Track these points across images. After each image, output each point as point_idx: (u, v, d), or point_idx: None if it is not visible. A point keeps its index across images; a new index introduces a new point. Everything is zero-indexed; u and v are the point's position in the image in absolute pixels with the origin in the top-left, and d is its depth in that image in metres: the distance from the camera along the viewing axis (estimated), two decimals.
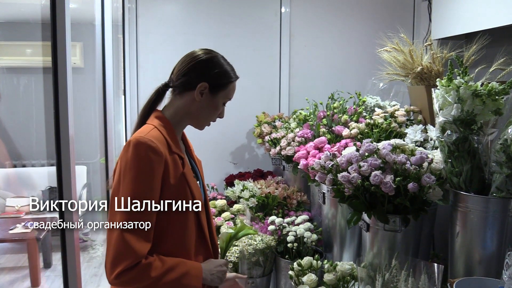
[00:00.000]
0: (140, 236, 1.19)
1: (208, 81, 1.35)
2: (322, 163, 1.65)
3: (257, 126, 2.77)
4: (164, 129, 1.33)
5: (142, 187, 1.21)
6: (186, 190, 1.29)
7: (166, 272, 1.21)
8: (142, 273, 1.18)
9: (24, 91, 5.10)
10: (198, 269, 1.28)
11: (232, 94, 1.44)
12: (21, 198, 4.48)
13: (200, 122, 1.41)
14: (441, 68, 2.03)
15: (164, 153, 1.24)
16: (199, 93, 1.34)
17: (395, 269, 1.38)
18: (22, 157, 5.02)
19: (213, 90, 1.36)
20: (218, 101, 1.39)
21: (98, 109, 2.65)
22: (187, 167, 1.34)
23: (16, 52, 5.03)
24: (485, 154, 1.40)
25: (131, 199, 1.20)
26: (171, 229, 1.28)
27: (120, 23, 2.93)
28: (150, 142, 1.22)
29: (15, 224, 3.97)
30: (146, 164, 1.21)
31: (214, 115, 1.41)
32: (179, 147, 1.35)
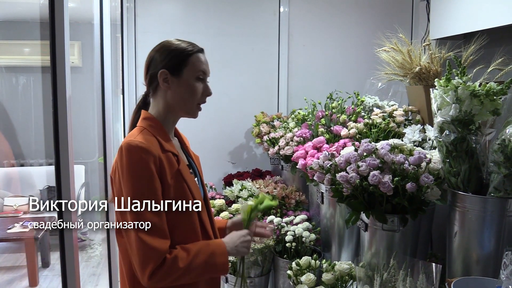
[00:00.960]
0: (155, 234, 1.22)
1: (164, 67, 1.33)
2: (320, 163, 1.65)
3: (255, 125, 2.77)
4: (154, 128, 1.33)
5: (142, 189, 1.22)
6: (184, 188, 1.30)
7: (193, 258, 1.24)
8: (172, 267, 1.21)
9: (22, 90, 5.09)
10: (222, 246, 1.31)
11: (202, 65, 1.38)
12: (19, 198, 4.47)
13: (185, 108, 1.38)
14: (439, 68, 2.03)
15: (157, 153, 1.25)
16: (163, 81, 1.33)
17: (393, 268, 1.39)
18: (21, 156, 5.01)
19: (175, 71, 1.33)
20: (188, 79, 1.35)
21: (96, 108, 2.64)
22: (183, 164, 1.34)
23: (15, 51, 5.02)
24: (483, 154, 1.41)
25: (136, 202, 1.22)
26: (175, 228, 1.28)
27: (119, 23, 2.92)
28: (141, 143, 1.24)
29: (13, 223, 3.97)
30: (141, 166, 1.22)
31: (193, 95, 1.37)
32: (172, 145, 1.35)
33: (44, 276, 4.00)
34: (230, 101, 2.94)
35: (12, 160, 4.88)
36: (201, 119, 2.88)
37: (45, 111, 4.89)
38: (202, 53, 1.40)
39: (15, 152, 4.96)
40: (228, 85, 2.92)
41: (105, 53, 2.58)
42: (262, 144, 2.65)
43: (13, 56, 5.01)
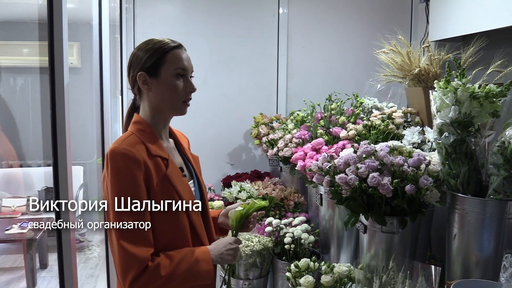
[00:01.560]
0: (137, 242, 1.21)
1: (142, 69, 1.31)
2: (319, 164, 1.65)
3: (254, 127, 2.76)
4: (143, 132, 1.32)
5: (125, 196, 1.22)
6: (171, 191, 1.29)
7: (176, 266, 1.24)
8: (152, 275, 1.20)
9: (20, 91, 5.08)
10: (206, 253, 1.30)
11: (179, 62, 1.33)
12: (17, 199, 4.46)
13: (171, 107, 1.35)
14: (439, 70, 2.03)
15: (142, 158, 1.24)
16: (143, 84, 1.32)
17: (393, 271, 1.38)
18: (19, 157, 5.00)
19: (152, 72, 1.31)
20: (167, 78, 1.31)
21: (95, 109, 2.63)
22: (172, 167, 1.32)
23: (13, 52, 5.01)
24: (483, 156, 1.40)
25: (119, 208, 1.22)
26: (163, 231, 1.28)
27: (118, 23, 2.92)
28: (125, 150, 1.23)
29: (11, 224, 3.96)
30: (125, 173, 1.22)
31: (175, 93, 1.32)
32: (161, 148, 1.33)
33: (42, 278, 3.99)
34: (229, 102, 2.93)
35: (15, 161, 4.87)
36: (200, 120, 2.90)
37: (43, 112, 4.88)
38: (180, 48, 1.35)
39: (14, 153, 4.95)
40: (227, 86, 2.92)
41: (104, 54, 2.57)
42: (261, 146, 2.65)
43: (11, 56, 5.00)
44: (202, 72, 2.86)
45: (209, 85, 2.89)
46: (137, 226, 1.22)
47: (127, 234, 1.21)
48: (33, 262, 3.81)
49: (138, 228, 1.22)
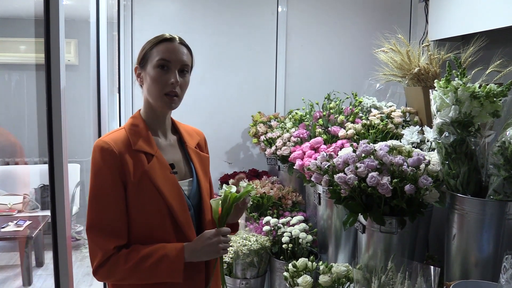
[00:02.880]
0: (103, 233, 1.24)
1: (137, 62, 1.37)
2: (318, 163, 1.64)
3: (252, 125, 2.75)
4: (133, 127, 1.34)
5: (98, 188, 1.26)
6: (150, 187, 1.28)
7: (142, 259, 1.24)
8: (114, 266, 1.23)
9: (16, 87, 5.05)
10: (178, 250, 1.27)
11: (162, 54, 1.29)
12: (14, 196, 4.44)
13: (154, 100, 1.33)
14: (438, 70, 2.02)
15: (119, 153, 1.26)
16: (137, 77, 1.37)
17: (391, 271, 1.37)
18: (16, 155, 4.98)
19: (142, 64, 1.35)
20: (150, 69, 1.30)
21: (92, 107, 2.62)
22: (156, 163, 1.30)
23: (9, 48, 4.98)
24: (483, 156, 1.40)
25: (91, 200, 1.26)
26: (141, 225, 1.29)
27: (116, 21, 2.90)
28: (104, 143, 1.27)
29: (7, 222, 3.94)
30: (100, 165, 1.26)
31: (155, 85, 1.29)
32: (149, 143, 1.32)
33: (38, 276, 3.97)
34: (227, 101, 2.92)
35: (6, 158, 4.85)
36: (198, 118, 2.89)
37: (39, 110, 4.86)
38: (172, 41, 1.33)
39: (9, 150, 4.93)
40: (225, 84, 2.91)
41: (101, 52, 2.56)
42: (259, 144, 2.63)
43: (7, 53, 4.97)
44: (200, 71, 2.84)
45: (207, 84, 2.87)
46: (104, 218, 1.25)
47: (94, 224, 1.25)
48: (29, 260, 3.80)
49: (104, 220, 1.25)
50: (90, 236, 1.25)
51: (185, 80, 1.34)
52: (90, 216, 1.26)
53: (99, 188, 1.26)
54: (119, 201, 1.26)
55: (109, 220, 1.25)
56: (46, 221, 4.08)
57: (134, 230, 1.28)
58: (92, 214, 1.26)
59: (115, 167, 1.25)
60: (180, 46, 1.34)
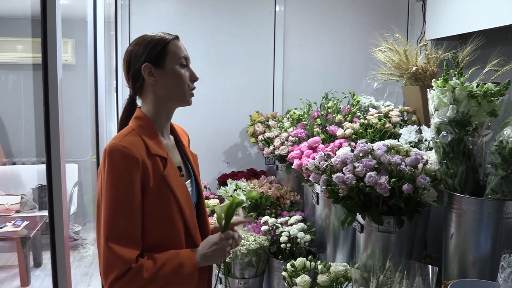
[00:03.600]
0: (126, 243, 1.18)
1: (146, 60, 1.29)
2: (316, 163, 1.64)
3: (250, 125, 2.75)
4: (144, 129, 1.29)
5: (119, 195, 1.19)
6: (167, 193, 1.26)
7: (159, 269, 1.21)
8: (135, 277, 1.18)
9: (13, 87, 5.04)
10: (191, 257, 1.27)
11: (182, 52, 1.34)
12: (11, 196, 4.43)
13: (178, 97, 1.33)
14: (436, 69, 2.02)
15: (140, 157, 1.21)
16: (149, 75, 1.30)
17: (390, 270, 1.37)
18: (12, 155, 4.97)
19: (157, 63, 1.30)
20: (173, 68, 1.30)
21: (89, 107, 2.62)
22: (170, 167, 1.29)
23: (5, 48, 4.97)
24: (480, 156, 1.40)
25: (113, 208, 1.19)
26: (156, 232, 1.26)
27: (113, 20, 2.89)
28: (124, 148, 1.20)
29: (4, 222, 3.93)
30: (122, 172, 1.19)
31: (182, 82, 1.32)
32: (161, 146, 1.31)
33: (36, 276, 3.97)
34: (225, 100, 2.92)
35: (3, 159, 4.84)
36: (196, 118, 2.88)
37: (36, 109, 4.85)
38: (178, 39, 1.36)
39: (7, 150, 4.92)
40: (223, 84, 2.90)
41: (99, 51, 2.55)
42: (257, 144, 2.63)
43: (3, 53, 4.96)
44: (198, 70, 2.79)
45: (205, 83, 2.87)
46: (127, 228, 1.19)
47: (116, 235, 1.18)
48: (27, 260, 3.79)
49: (127, 229, 1.20)
50: (110, 246, 1.17)
51: None
52: (110, 225, 1.18)
53: (120, 196, 1.19)
54: (139, 209, 1.22)
55: (131, 230, 1.20)
56: (44, 221, 4.08)
57: (148, 236, 1.24)
58: (113, 223, 1.18)
59: (137, 173, 1.20)
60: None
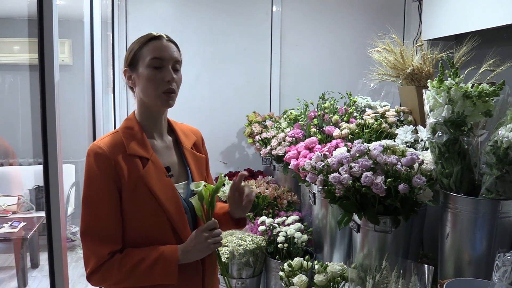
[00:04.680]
0: (98, 239, 1.24)
1: (126, 64, 1.34)
2: (313, 163, 1.64)
3: (247, 125, 2.75)
4: (128, 130, 1.32)
5: (91, 193, 1.25)
6: (145, 191, 1.26)
7: (137, 263, 1.23)
8: (109, 271, 1.23)
9: (9, 88, 5.03)
10: (173, 252, 1.26)
11: (156, 52, 1.28)
12: (8, 197, 4.42)
13: (151, 100, 1.30)
14: (432, 69, 2.03)
15: (113, 157, 1.25)
16: (128, 79, 1.34)
17: (386, 270, 1.38)
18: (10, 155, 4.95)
19: (132, 66, 1.32)
20: (142, 71, 1.28)
21: (86, 107, 2.61)
22: (151, 167, 1.29)
23: (2, 49, 4.95)
24: (475, 156, 1.41)
25: (86, 206, 1.26)
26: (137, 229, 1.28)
27: (110, 21, 2.89)
28: (98, 148, 1.26)
29: (1, 223, 3.92)
30: (93, 171, 1.25)
31: (152, 84, 1.28)
32: (144, 147, 1.31)
33: (33, 277, 3.96)
34: (222, 101, 2.92)
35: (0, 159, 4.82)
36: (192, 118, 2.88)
37: (33, 110, 4.84)
38: (160, 39, 1.31)
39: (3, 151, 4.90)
40: (220, 84, 2.91)
41: (96, 52, 2.55)
42: (254, 144, 2.64)
43: (0, 54, 4.94)
44: (194, 70, 2.84)
45: (201, 83, 2.87)
46: (99, 225, 1.24)
47: (89, 231, 1.24)
48: (24, 261, 3.78)
49: (99, 226, 1.24)
50: (84, 241, 1.25)
51: (179, 76, 1.34)
52: (84, 221, 1.25)
53: (92, 194, 1.25)
54: (113, 206, 1.25)
55: (103, 226, 1.24)
56: (41, 222, 4.07)
57: (129, 234, 1.27)
58: (86, 219, 1.25)
59: (109, 173, 1.24)
60: (168, 43, 1.33)
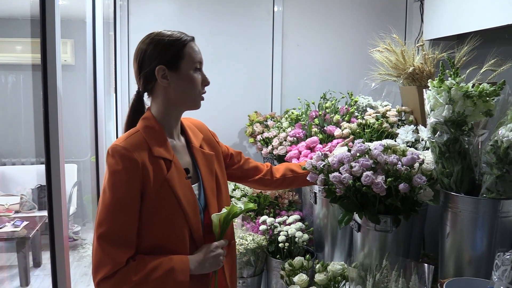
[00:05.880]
0: (118, 244, 1.19)
1: (161, 63, 1.28)
2: (313, 163, 1.65)
3: (249, 125, 2.76)
4: (150, 130, 1.29)
5: (118, 197, 1.20)
6: (170, 195, 1.26)
7: (149, 272, 1.20)
8: (123, 278, 1.18)
9: (12, 88, 5.05)
10: (184, 263, 1.25)
11: (196, 55, 1.32)
12: (11, 197, 4.44)
13: (188, 101, 1.35)
14: (433, 69, 2.03)
15: (140, 160, 1.21)
16: (162, 78, 1.29)
17: (386, 269, 1.38)
18: (11, 155, 4.97)
19: (172, 66, 1.29)
20: (187, 72, 1.30)
21: (88, 107, 2.62)
22: (174, 170, 1.29)
23: (5, 49, 4.97)
24: (476, 155, 1.41)
25: (109, 208, 1.20)
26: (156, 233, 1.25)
27: (112, 21, 2.90)
28: (124, 150, 1.21)
29: (4, 222, 3.93)
30: (120, 173, 1.20)
31: (195, 86, 1.33)
32: (167, 148, 1.29)
33: (35, 276, 3.97)
34: (223, 101, 2.93)
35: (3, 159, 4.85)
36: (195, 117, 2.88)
37: (35, 110, 4.86)
38: (194, 41, 1.35)
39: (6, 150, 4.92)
40: (222, 84, 2.91)
41: (98, 51, 2.56)
42: (256, 144, 2.64)
43: (3, 54, 4.97)
44: None
45: None
46: (121, 229, 1.20)
47: (109, 235, 1.19)
48: (26, 260, 3.79)
49: (121, 231, 1.20)
50: (102, 245, 1.18)
51: None
52: (105, 225, 1.19)
53: (119, 199, 1.20)
54: (135, 210, 1.22)
55: (124, 231, 1.20)
56: (43, 222, 4.08)
57: (145, 238, 1.24)
58: (107, 223, 1.19)
59: (136, 176, 1.21)
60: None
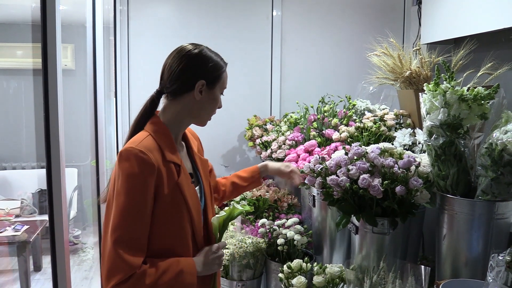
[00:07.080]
0: (133, 248, 1.18)
1: (204, 78, 1.33)
2: (311, 166, 1.66)
3: (248, 129, 2.78)
4: (161, 135, 1.29)
5: (135, 201, 1.19)
6: (180, 199, 1.27)
7: (160, 276, 1.21)
8: (137, 283, 1.18)
9: (13, 93, 5.07)
10: (191, 265, 1.29)
11: (226, 82, 1.43)
12: (11, 201, 4.44)
13: (203, 119, 1.41)
14: (430, 73, 2.05)
15: (156, 163, 1.21)
16: (198, 91, 1.32)
17: (383, 271, 1.40)
18: (12, 159, 4.99)
19: (210, 84, 1.35)
20: (217, 94, 1.39)
21: (89, 111, 2.64)
22: (184, 174, 1.31)
23: (6, 54, 5.00)
24: (471, 158, 1.42)
25: (124, 213, 1.18)
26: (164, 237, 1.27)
27: (112, 25, 2.92)
28: (140, 153, 1.19)
29: (5, 227, 3.94)
30: (137, 177, 1.19)
31: (215, 108, 1.42)
32: (176, 154, 1.31)
33: (36, 280, 3.97)
34: (223, 105, 2.93)
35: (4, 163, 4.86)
36: None
37: (36, 114, 4.88)
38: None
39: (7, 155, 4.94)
40: None
41: (98, 56, 2.58)
42: (255, 148, 2.66)
43: (4, 58, 4.99)
44: None
45: None
46: (137, 234, 1.19)
47: (125, 240, 1.18)
48: (27, 264, 3.79)
49: (137, 235, 1.19)
50: (115, 250, 1.16)
51: None
52: (120, 230, 1.18)
53: (135, 203, 1.19)
54: (149, 215, 1.22)
55: (139, 235, 1.20)
56: (44, 226, 4.09)
57: (155, 242, 1.25)
58: (123, 228, 1.18)
59: (152, 180, 1.20)
60: None
